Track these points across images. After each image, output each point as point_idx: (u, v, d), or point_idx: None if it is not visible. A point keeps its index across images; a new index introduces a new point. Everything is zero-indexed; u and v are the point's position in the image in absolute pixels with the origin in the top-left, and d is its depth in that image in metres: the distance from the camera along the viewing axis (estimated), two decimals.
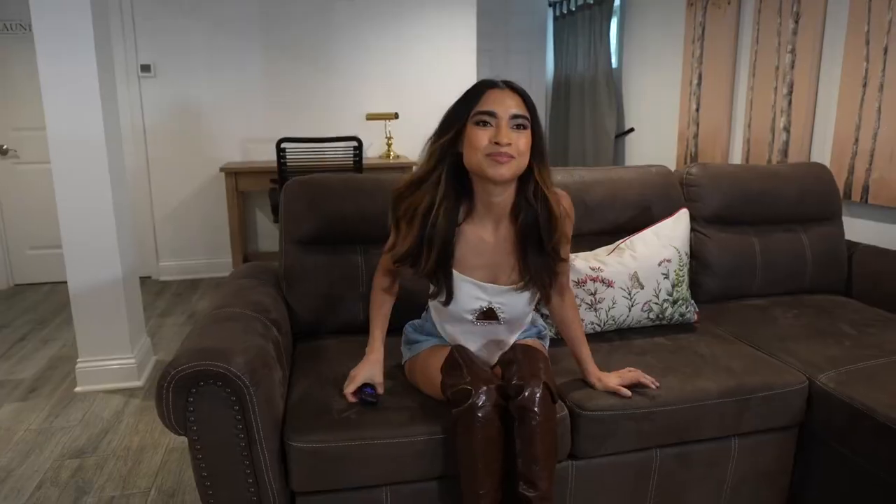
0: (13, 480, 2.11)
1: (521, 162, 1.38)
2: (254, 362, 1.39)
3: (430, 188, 1.44)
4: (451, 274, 1.49)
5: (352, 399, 1.52)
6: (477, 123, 1.37)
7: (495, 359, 1.57)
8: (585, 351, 1.63)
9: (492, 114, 1.36)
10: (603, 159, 4.86)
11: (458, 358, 1.46)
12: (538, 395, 1.35)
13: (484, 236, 1.49)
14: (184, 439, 1.95)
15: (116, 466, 2.18)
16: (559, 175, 2.16)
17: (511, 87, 1.41)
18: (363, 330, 1.70)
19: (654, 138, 4.44)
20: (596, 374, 1.60)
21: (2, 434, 2.41)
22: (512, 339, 1.62)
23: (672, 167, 4.12)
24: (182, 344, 1.45)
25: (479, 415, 1.34)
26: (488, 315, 1.55)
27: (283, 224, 2.00)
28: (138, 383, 2.82)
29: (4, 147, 4.34)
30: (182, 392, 1.34)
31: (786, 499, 1.80)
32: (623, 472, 1.63)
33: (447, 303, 1.52)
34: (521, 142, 1.36)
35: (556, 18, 5.59)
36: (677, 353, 1.82)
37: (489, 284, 1.51)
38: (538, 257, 1.48)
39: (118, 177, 2.74)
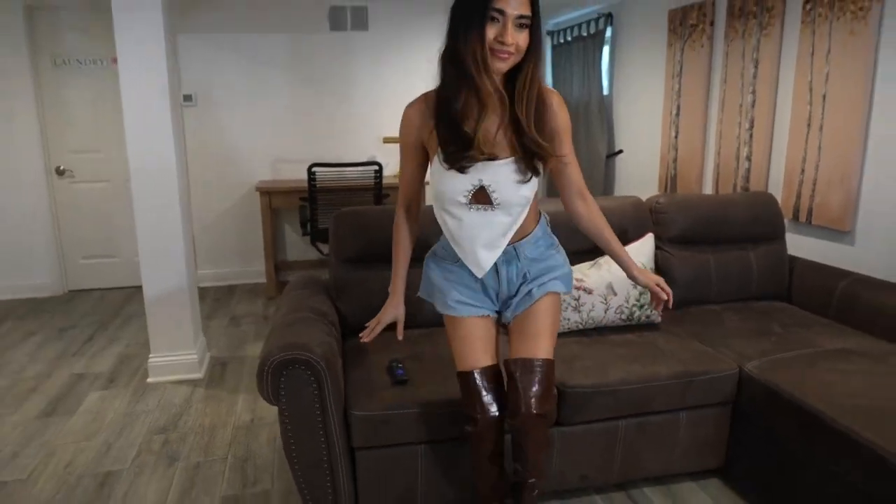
0: (115, 451, 2.64)
1: (518, 57, 1.54)
2: (326, 353, 1.92)
3: (461, 93, 1.57)
4: (465, 134, 1.58)
5: (368, 339, 1.89)
6: (488, 18, 1.49)
7: (502, 247, 1.69)
8: (621, 250, 1.85)
9: (501, 11, 1.48)
10: (595, 177, 5.39)
11: (472, 387, 1.73)
12: (533, 435, 1.70)
13: (473, 115, 1.60)
14: (246, 419, 2.56)
15: (196, 440, 2.72)
16: (551, 205, 2.69)
17: None
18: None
19: (640, 160, 4.97)
20: (637, 269, 1.86)
21: (95, 416, 2.95)
22: (512, 231, 1.69)
23: (655, 186, 4.67)
24: (269, 340, 1.99)
25: (481, 445, 1.75)
26: (480, 197, 1.64)
27: (333, 246, 2.53)
28: (199, 375, 3.36)
29: (61, 167, 4.88)
30: (277, 374, 1.87)
31: (723, 460, 2.32)
32: (596, 436, 2.16)
33: (466, 147, 1.58)
34: (521, 40, 1.52)
35: (554, 47, 6.11)
36: (641, 346, 2.34)
37: (481, 161, 1.61)
38: (525, 136, 1.59)
39: (184, 196, 3.27)
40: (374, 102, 5.15)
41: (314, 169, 4.29)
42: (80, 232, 5.00)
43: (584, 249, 2.63)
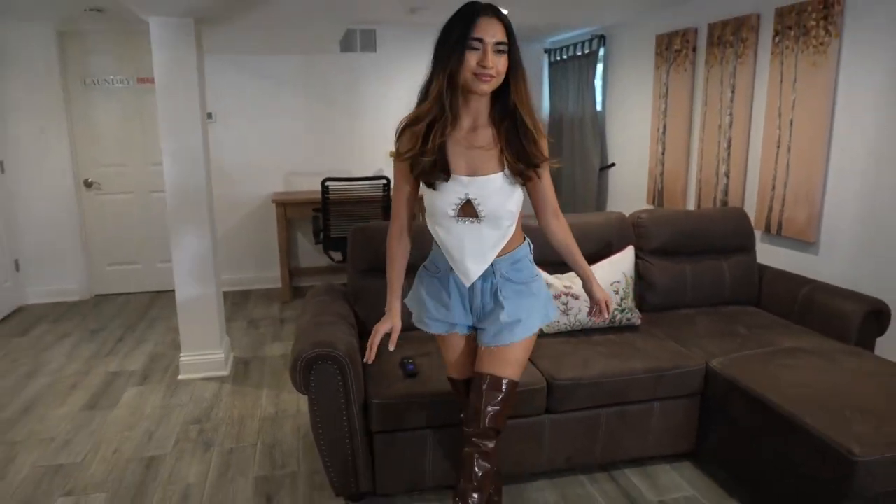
0: (156, 439, 2.97)
1: (500, 79, 1.69)
2: (349, 350, 2.25)
3: (435, 110, 1.71)
4: (447, 165, 1.73)
5: (371, 357, 1.90)
6: (468, 47, 1.64)
7: (489, 259, 1.80)
8: (585, 265, 1.98)
9: (481, 40, 1.64)
10: (589, 188, 5.73)
11: (457, 389, 1.99)
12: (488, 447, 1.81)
13: (463, 136, 1.75)
14: (271, 411, 2.91)
15: (227, 429, 3.05)
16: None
17: (496, 15, 1.68)
18: (409, 327, 2.46)
19: (631, 173, 5.31)
20: (596, 284, 1.99)
21: (134, 409, 3.28)
22: (500, 245, 1.80)
23: (644, 198, 5.00)
24: (299, 340, 2.32)
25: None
26: (467, 210, 1.76)
27: (350, 258, 2.86)
28: (225, 373, 3.69)
29: (90, 180, 5.23)
30: (307, 368, 2.20)
31: (693, 445, 2.65)
32: (580, 423, 2.49)
33: (445, 178, 1.73)
34: (501, 64, 1.67)
35: (550, 64, 6.46)
36: (622, 345, 2.67)
37: (467, 177, 1.74)
38: (514, 147, 1.73)
39: (211, 209, 3.60)
40: (381, 119, 5.49)
41: (327, 182, 4.62)
42: (105, 240, 5.34)
43: None
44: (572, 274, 2.85)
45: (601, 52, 5.59)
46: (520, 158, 1.74)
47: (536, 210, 1.94)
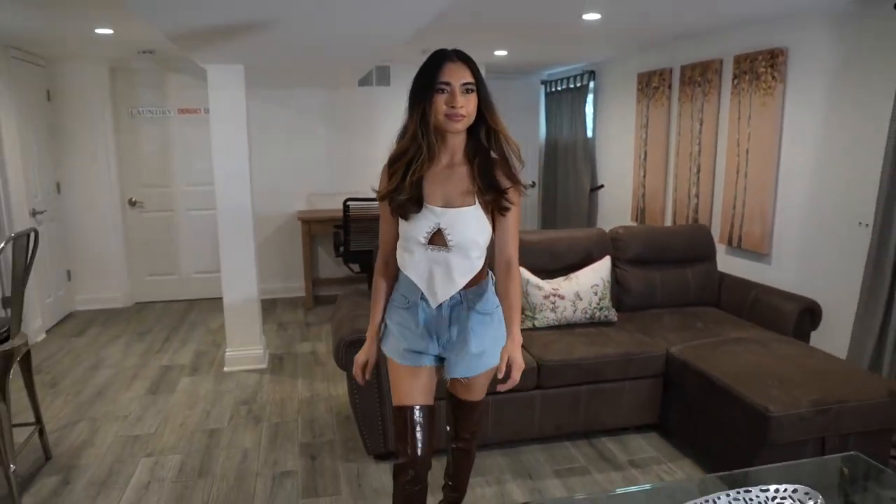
0: (213, 416, 3.56)
1: (471, 118, 1.80)
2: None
3: (413, 148, 1.81)
4: (421, 199, 1.84)
5: (362, 382, 2.09)
6: (437, 91, 1.76)
7: (458, 285, 1.87)
8: (515, 321, 1.93)
9: (448, 83, 1.76)
10: (581, 207, 6.35)
11: (407, 421, 1.93)
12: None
13: (440, 171, 1.86)
14: (307, 395, 3.51)
15: (272, 408, 3.64)
16: (537, 235, 3.63)
17: (461, 58, 1.79)
18: None
19: (617, 194, 5.93)
20: (514, 343, 1.91)
21: (190, 394, 3.87)
22: (470, 276, 1.88)
23: (628, 216, 5.61)
24: (339, 329, 2.93)
25: (403, 476, 1.94)
26: (437, 239, 1.85)
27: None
28: (263, 365, 4.29)
29: (133, 199, 5.86)
30: (348, 349, 2.80)
31: (658, 417, 3.24)
32: (566, 397, 3.08)
33: (418, 210, 1.83)
34: (470, 104, 1.78)
35: (546, 95, 7.11)
36: (599, 336, 3.26)
37: (441, 208, 1.84)
38: (486, 178, 1.84)
39: (253, 223, 4.21)
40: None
41: (349, 202, 5.25)
42: (146, 253, 5.96)
43: (558, 268, 3.58)
44: (560, 279, 3.47)
45: (591, 85, 6.24)
46: (490, 187, 1.84)
47: (496, 250, 1.95)
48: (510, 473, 2.93)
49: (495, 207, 1.87)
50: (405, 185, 1.82)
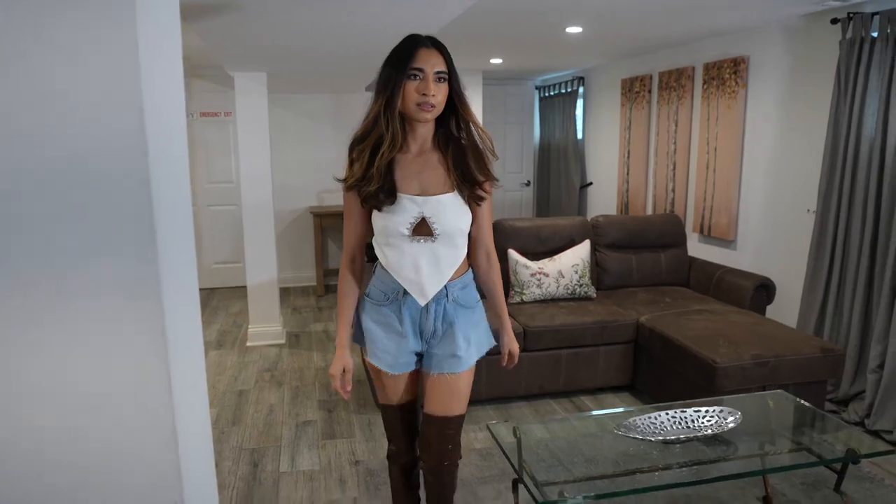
0: (240, 380, 4.05)
1: (441, 107, 1.72)
2: None
3: (375, 133, 1.72)
4: (394, 188, 1.73)
5: (345, 395, 1.89)
6: (408, 77, 1.67)
7: (446, 277, 1.79)
8: (503, 311, 2.01)
9: (421, 70, 1.67)
10: (572, 203, 6.83)
11: (391, 418, 1.96)
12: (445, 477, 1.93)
13: (412, 159, 1.78)
14: (322, 365, 4.04)
15: (291, 375, 4.12)
16: (525, 222, 4.12)
17: (435, 45, 1.70)
18: None
19: (604, 190, 6.42)
20: (508, 333, 2.03)
21: (219, 363, 4.35)
22: (456, 265, 1.82)
23: (614, 210, 6.08)
24: None
25: (399, 460, 2.03)
26: (422, 229, 1.75)
27: None
28: (282, 341, 4.78)
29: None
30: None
31: (630, 379, 3.71)
32: (548, 359, 3.56)
33: (391, 201, 1.72)
34: (441, 93, 1.69)
35: (540, 99, 7.61)
36: (579, 309, 3.74)
37: (421, 197, 1.75)
38: (460, 168, 1.78)
39: (272, 217, 4.71)
40: None
41: None
42: (211, 244, 6.30)
43: (543, 251, 4.07)
44: (546, 260, 3.95)
45: (581, 90, 6.74)
46: (465, 179, 1.78)
47: (470, 243, 1.91)
48: (499, 420, 3.40)
49: (471, 198, 1.82)
50: (373, 174, 1.72)
